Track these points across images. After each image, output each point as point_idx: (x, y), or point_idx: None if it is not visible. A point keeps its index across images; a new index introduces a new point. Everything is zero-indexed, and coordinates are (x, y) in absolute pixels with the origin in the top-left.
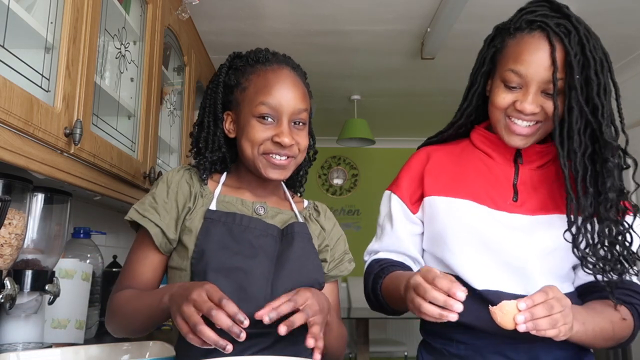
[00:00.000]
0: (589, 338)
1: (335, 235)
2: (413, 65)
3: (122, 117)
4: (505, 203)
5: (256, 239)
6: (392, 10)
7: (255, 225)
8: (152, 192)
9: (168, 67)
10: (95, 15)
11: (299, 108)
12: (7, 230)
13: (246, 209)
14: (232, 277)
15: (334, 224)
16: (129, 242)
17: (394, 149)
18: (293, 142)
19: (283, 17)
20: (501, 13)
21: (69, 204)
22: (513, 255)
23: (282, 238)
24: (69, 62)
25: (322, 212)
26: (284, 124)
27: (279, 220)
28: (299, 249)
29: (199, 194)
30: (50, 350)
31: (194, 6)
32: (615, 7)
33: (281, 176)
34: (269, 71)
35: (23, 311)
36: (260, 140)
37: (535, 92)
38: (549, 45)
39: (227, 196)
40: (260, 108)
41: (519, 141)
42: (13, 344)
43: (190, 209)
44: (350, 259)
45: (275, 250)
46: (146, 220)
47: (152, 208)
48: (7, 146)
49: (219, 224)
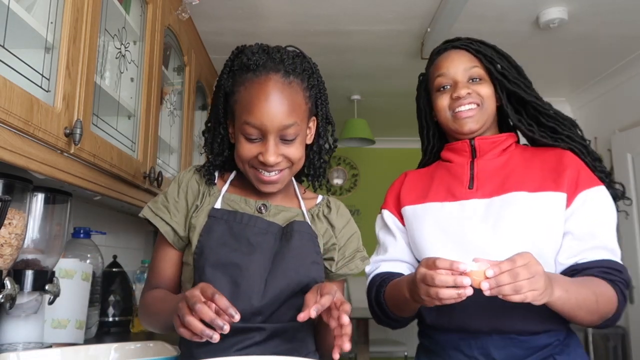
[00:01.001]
0: (572, 306)
1: (347, 232)
2: (413, 65)
3: (122, 117)
4: (462, 193)
5: (255, 237)
6: (392, 10)
7: (255, 223)
8: (165, 191)
9: (168, 67)
10: (95, 15)
11: (284, 124)
12: (7, 230)
13: (249, 207)
14: (228, 272)
15: (347, 221)
16: (129, 242)
17: (394, 149)
18: (279, 160)
19: (283, 17)
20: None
21: (69, 204)
22: (474, 243)
23: (282, 236)
24: (69, 62)
25: (334, 209)
26: (269, 142)
27: (282, 217)
28: (297, 247)
29: (206, 192)
30: (50, 350)
31: (194, 6)
32: (615, 7)
33: (274, 189)
34: (255, 84)
35: (23, 311)
36: (247, 158)
37: (465, 82)
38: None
39: (233, 195)
40: (244, 128)
41: (470, 123)
42: (13, 344)
43: (198, 207)
44: (363, 257)
45: (273, 247)
46: (158, 219)
47: (164, 207)
48: (7, 146)
49: (221, 222)
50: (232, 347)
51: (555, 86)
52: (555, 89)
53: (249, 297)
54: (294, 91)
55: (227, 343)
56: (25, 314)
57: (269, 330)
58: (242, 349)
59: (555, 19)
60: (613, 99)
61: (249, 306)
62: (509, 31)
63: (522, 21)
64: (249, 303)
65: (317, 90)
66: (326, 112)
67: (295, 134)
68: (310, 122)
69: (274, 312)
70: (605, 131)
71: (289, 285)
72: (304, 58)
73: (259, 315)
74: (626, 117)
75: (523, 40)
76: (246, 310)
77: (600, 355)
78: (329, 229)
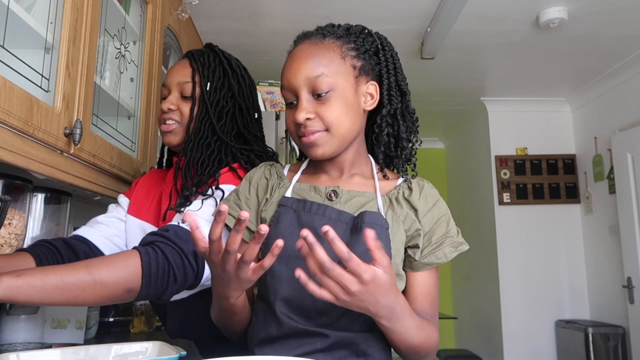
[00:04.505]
0: None
1: (433, 216)
2: (413, 65)
3: (122, 117)
4: None
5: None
6: (392, 10)
7: (325, 212)
8: (237, 189)
9: (168, 67)
10: (95, 15)
11: (311, 77)
12: (7, 230)
13: (319, 195)
14: (292, 264)
15: (434, 203)
16: None
17: None
18: (309, 116)
19: (283, 17)
20: (501, 13)
21: (69, 204)
22: None
23: (353, 227)
24: (69, 62)
25: (415, 191)
26: (300, 101)
27: (354, 204)
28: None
29: (276, 185)
30: (50, 350)
31: (194, 6)
32: (614, 7)
33: (318, 152)
34: (289, 55)
35: (23, 311)
36: (290, 126)
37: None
38: None
39: (302, 184)
40: (283, 94)
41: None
42: (13, 344)
43: (268, 200)
44: (453, 242)
45: (343, 239)
46: (230, 218)
47: (235, 205)
48: (7, 146)
49: (290, 211)
50: (292, 350)
51: (555, 86)
52: (555, 89)
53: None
54: (326, 48)
55: (287, 346)
56: (25, 314)
57: (333, 338)
58: (303, 354)
59: (555, 19)
60: (613, 98)
61: (312, 303)
62: (509, 31)
63: (522, 21)
64: (313, 299)
65: (371, 50)
66: (393, 78)
67: (328, 88)
68: (368, 86)
69: (341, 317)
70: (605, 131)
71: None
72: (363, 31)
73: (324, 316)
74: (626, 117)
75: (523, 40)
76: (310, 308)
77: (600, 355)
78: (410, 214)
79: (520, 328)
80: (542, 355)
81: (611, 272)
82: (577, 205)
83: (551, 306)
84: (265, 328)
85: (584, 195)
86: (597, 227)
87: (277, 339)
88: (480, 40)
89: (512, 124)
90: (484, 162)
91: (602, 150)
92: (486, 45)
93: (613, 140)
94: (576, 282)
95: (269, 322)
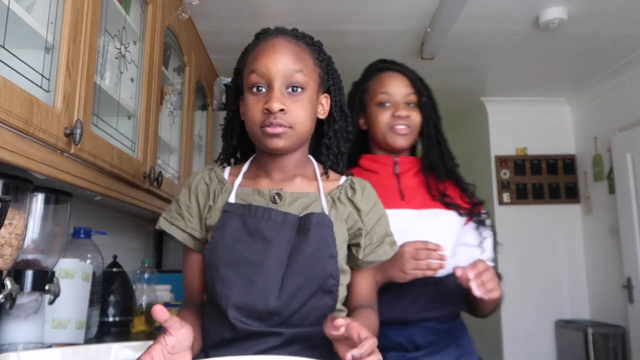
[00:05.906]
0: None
1: (374, 216)
2: (413, 65)
3: (122, 117)
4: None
5: (270, 230)
6: (392, 10)
7: (270, 215)
8: (177, 199)
9: (168, 67)
10: (95, 15)
11: (290, 69)
12: (7, 230)
13: (263, 198)
14: (242, 270)
15: (374, 204)
16: (129, 242)
17: None
18: (283, 107)
19: (283, 17)
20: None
21: (69, 204)
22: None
23: (299, 228)
24: (69, 62)
25: (359, 191)
26: (274, 90)
27: (298, 205)
28: (315, 242)
29: (217, 190)
30: (50, 350)
31: (194, 6)
32: (614, 7)
33: (280, 144)
34: (262, 42)
35: (23, 311)
36: (255, 113)
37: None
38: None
39: (245, 188)
40: (250, 77)
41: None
42: (13, 344)
43: (211, 207)
44: (392, 241)
45: (290, 241)
46: (174, 229)
47: (178, 214)
48: (7, 146)
49: (235, 217)
50: (246, 351)
51: (555, 86)
52: (555, 89)
53: (265, 296)
54: (302, 50)
55: (241, 347)
56: (25, 314)
57: (287, 335)
58: (257, 353)
59: (555, 19)
60: (613, 98)
61: (265, 306)
62: (509, 31)
63: (522, 21)
64: (266, 302)
65: (327, 65)
66: (340, 97)
67: (303, 85)
68: (322, 97)
69: (293, 314)
70: (605, 131)
71: (307, 282)
72: (322, 46)
73: (277, 316)
74: (626, 117)
75: (523, 40)
76: (262, 311)
77: (600, 355)
78: (353, 213)
79: (519, 328)
80: (542, 355)
81: (611, 272)
82: (577, 205)
83: (551, 306)
84: (219, 333)
85: (583, 195)
86: (597, 227)
87: (231, 342)
88: (480, 40)
89: (512, 124)
90: (483, 162)
91: (602, 150)
92: (486, 45)
93: (613, 140)
94: (576, 282)
95: (222, 327)
